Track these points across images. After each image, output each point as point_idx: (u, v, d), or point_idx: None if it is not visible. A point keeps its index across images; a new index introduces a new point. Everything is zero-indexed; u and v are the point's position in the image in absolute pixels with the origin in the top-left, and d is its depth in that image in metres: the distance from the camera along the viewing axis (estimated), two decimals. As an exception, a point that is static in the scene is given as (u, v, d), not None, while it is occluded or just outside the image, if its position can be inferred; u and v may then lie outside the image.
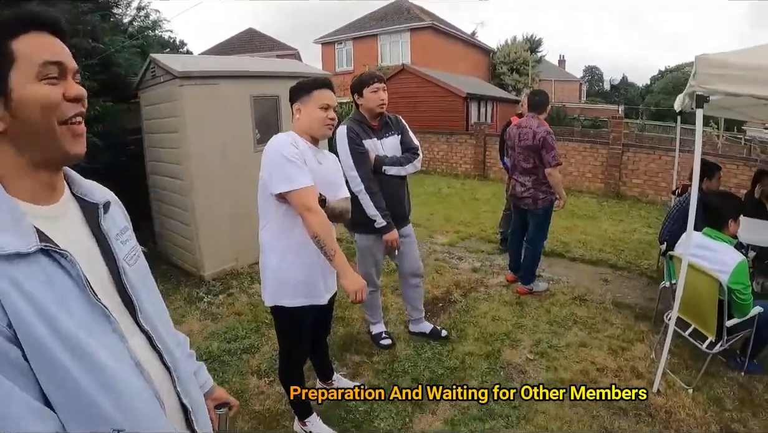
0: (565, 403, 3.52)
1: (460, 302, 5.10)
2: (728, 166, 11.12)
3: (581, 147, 12.96)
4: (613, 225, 9.06)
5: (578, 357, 4.13)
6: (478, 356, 4.05)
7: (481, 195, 11.55)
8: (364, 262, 3.93)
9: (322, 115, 2.60)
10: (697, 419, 3.53)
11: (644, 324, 4.81)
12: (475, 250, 6.80)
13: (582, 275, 6.13)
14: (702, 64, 3.35)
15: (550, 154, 4.91)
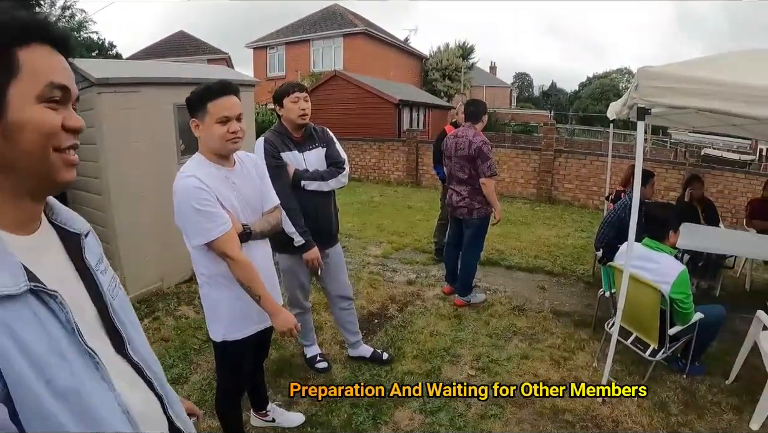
0: (510, 420, 3.45)
1: (396, 317, 4.97)
2: (657, 170, 11.55)
3: (513, 153, 13.21)
4: (547, 230, 9.20)
5: (521, 370, 4.08)
6: (418, 375, 3.93)
7: (415, 203, 11.56)
8: (289, 283, 3.71)
9: (221, 131, 2.30)
10: (644, 426, 3.56)
11: (584, 332, 4.84)
12: (409, 261, 6.71)
13: (519, 283, 6.14)
14: (644, 77, 3.39)
15: (486, 165, 4.89)
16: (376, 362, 4.05)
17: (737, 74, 3.52)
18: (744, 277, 7.08)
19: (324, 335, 4.47)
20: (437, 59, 31.52)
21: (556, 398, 3.72)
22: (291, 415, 3.35)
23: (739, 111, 3.35)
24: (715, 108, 3.40)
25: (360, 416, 3.37)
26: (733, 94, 3.28)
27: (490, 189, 4.97)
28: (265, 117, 17.14)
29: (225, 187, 2.38)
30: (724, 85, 3.31)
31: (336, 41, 26.36)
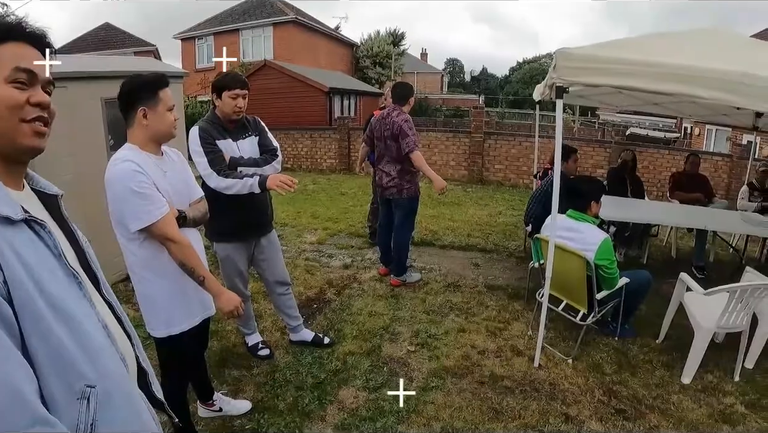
0: (452, 390, 3.58)
1: (334, 300, 5.03)
2: (585, 149, 12.15)
3: (444, 137, 13.44)
4: (479, 210, 9.44)
5: (458, 343, 4.24)
6: (360, 354, 4.01)
7: (348, 189, 11.60)
8: (228, 272, 3.70)
9: (171, 118, 2.40)
10: (581, 387, 3.77)
11: (518, 303, 5.06)
12: (345, 246, 6.77)
13: (453, 261, 6.31)
14: (562, 58, 3.58)
15: (405, 141, 4.96)
16: (318, 346, 4.10)
17: (649, 54, 3.77)
18: (670, 245, 7.56)
19: (264, 323, 4.49)
20: (368, 46, 31.43)
21: (495, 366, 3.91)
22: (238, 403, 3.35)
23: (649, 87, 3.61)
24: (629, 85, 3.67)
25: (305, 398, 3.42)
26: (644, 72, 3.52)
27: (419, 161, 5.02)
28: (195, 109, 16.75)
29: (158, 174, 2.38)
30: (635, 64, 3.54)
31: (266, 30, 25.82)
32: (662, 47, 4.07)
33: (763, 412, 3.77)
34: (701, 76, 3.49)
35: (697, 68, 3.53)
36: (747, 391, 3.99)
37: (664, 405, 3.70)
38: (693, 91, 3.54)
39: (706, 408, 3.72)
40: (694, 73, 3.50)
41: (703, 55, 3.86)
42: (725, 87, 3.48)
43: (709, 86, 3.50)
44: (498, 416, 3.37)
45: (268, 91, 18.36)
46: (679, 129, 28.74)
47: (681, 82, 3.52)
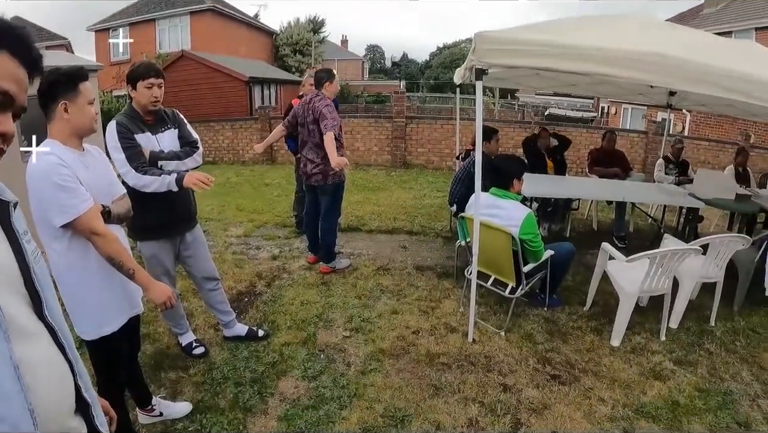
0: (390, 371, 3.63)
1: (265, 293, 4.96)
2: (505, 130, 12.47)
3: (366, 123, 13.45)
4: (404, 193, 9.55)
5: (392, 325, 4.30)
6: (295, 344, 3.99)
7: (271, 180, 11.46)
8: (154, 271, 3.55)
9: (92, 111, 2.34)
10: (515, 357, 3.92)
11: (448, 282, 5.17)
12: (272, 237, 6.69)
13: (381, 245, 6.37)
14: (481, 41, 3.65)
15: (324, 123, 4.92)
16: (253, 339, 4.04)
17: (567, 36, 3.92)
18: (591, 218, 7.92)
19: (197, 321, 4.37)
20: (288, 34, 31.10)
21: (430, 344, 4.00)
22: (178, 405, 3.26)
23: (567, 68, 3.74)
24: (547, 66, 3.77)
25: (246, 393, 3.38)
26: (562, 53, 3.66)
27: (329, 142, 4.91)
28: (111, 105, 16.01)
29: (80, 169, 2.31)
30: (553, 46, 3.67)
31: (182, 20, 24.93)
32: (580, 30, 4.24)
33: (690, 366, 4.03)
34: (616, 56, 3.65)
35: (613, 49, 3.69)
36: (673, 349, 4.26)
37: (596, 368, 3.88)
38: (609, 71, 3.70)
39: (636, 367, 3.94)
40: (609, 54, 3.66)
41: (619, 37, 4.02)
42: (640, 66, 3.66)
43: (625, 66, 3.66)
44: (438, 392, 3.46)
45: (187, 83, 17.88)
46: (597, 109, 29.82)
47: (598, 63, 3.67)
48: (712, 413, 3.52)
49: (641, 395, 3.63)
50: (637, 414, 3.42)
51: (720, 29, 20.31)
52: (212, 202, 8.65)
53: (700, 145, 14.87)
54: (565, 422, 3.26)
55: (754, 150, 14.68)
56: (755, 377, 4.03)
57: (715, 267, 4.76)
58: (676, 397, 3.64)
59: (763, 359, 4.31)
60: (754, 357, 4.33)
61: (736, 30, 20.19)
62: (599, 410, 3.41)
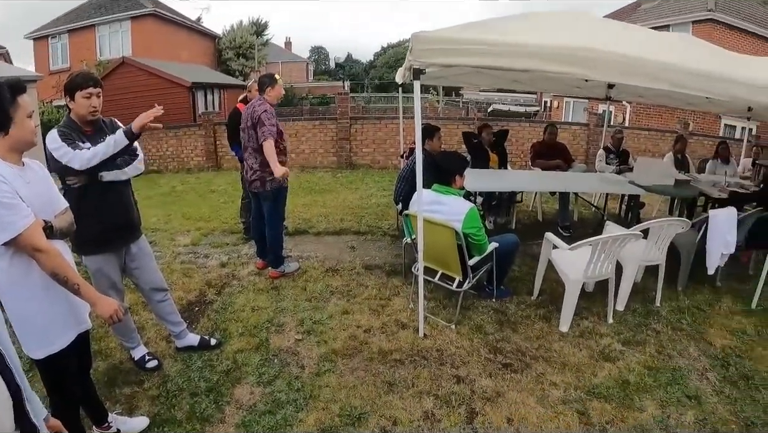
0: (344, 371, 3.66)
1: (216, 301, 4.89)
2: (449, 127, 12.66)
3: (310, 125, 13.35)
4: (350, 194, 9.56)
5: (344, 325, 4.32)
6: (249, 350, 3.96)
7: (217, 186, 11.27)
8: (101, 286, 3.46)
9: (32, 125, 2.27)
10: (467, 349, 3.99)
11: (397, 279, 5.23)
12: (220, 244, 6.58)
13: (330, 247, 6.37)
14: (417, 41, 3.68)
15: (262, 130, 4.88)
16: (206, 348, 3.99)
17: (504, 34, 3.95)
18: (536, 210, 8.07)
19: (148, 334, 4.27)
20: (231, 38, 30.52)
21: (382, 342, 4.03)
22: (134, 421, 3.20)
23: (504, 65, 3.78)
24: (484, 64, 3.82)
25: (202, 403, 3.34)
26: (499, 51, 3.71)
27: (269, 150, 4.89)
28: (51, 116, 15.45)
29: (21, 185, 2.24)
30: (490, 44, 3.71)
31: (123, 25, 24.02)
32: (518, 27, 4.29)
33: (638, 346, 4.18)
34: (550, 52, 3.72)
35: (547, 45, 3.76)
36: (621, 330, 4.41)
37: (547, 354, 3.99)
38: (544, 66, 3.76)
39: (586, 351, 4.06)
40: (543, 50, 3.73)
41: (556, 34, 4.12)
42: (573, 61, 3.74)
43: (559, 61, 3.74)
44: (392, 388, 3.49)
45: (128, 91, 17.42)
46: (540, 103, 30.50)
47: (532, 59, 3.73)
48: (663, 389, 3.66)
49: (592, 377, 3.74)
50: (590, 395, 3.52)
51: (658, 23, 21.12)
52: (158, 212, 8.47)
53: (641, 134, 15.41)
54: (519, 408, 3.34)
55: (693, 137, 15.32)
56: (702, 352, 4.21)
57: (657, 250, 4.94)
58: (626, 376, 3.77)
59: (709, 334, 4.49)
60: (700, 333, 4.51)
61: (674, 24, 20.96)
62: (552, 394, 3.51)
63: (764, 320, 4.90)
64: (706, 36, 18.00)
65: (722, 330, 4.62)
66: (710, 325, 4.70)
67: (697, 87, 4.10)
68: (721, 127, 19.46)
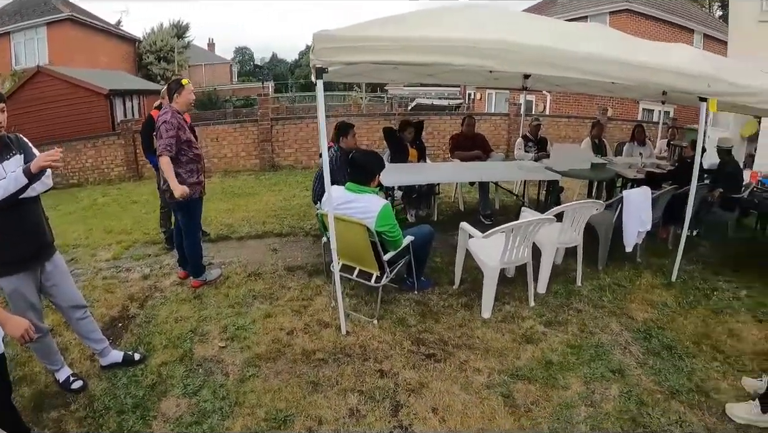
0: (269, 375, 3.62)
1: (139, 315, 4.72)
2: (371, 123, 12.72)
3: (231, 128, 13.04)
4: (273, 196, 9.43)
5: (267, 329, 4.27)
6: (173, 362, 3.85)
7: (139, 197, 10.87)
8: (18, 308, 3.30)
9: None
10: (389, 343, 4.01)
11: (318, 279, 5.20)
12: (142, 256, 6.34)
13: (252, 251, 6.26)
14: (318, 40, 3.61)
15: (159, 143, 4.67)
16: (130, 364, 3.85)
17: (409, 29, 3.94)
18: (457, 200, 8.18)
19: (72, 354, 4.07)
20: (151, 41, 29.43)
21: (305, 342, 4.01)
22: None
23: (406, 60, 3.78)
24: (387, 60, 3.77)
25: (129, 420, 3.23)
26: (401, 46, 3.69)
27: (165, 166, 4.69)
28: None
29: None
30: (392, 40, 3.69)
31: (39, 31, 22.63)
32: (423, 22, 4.25)
33: (560, 326, 4.31)
34: (454, 45, 3.74)
35: (451, 38, 3.77)
36: (543, 312, 4.52)
37: (469, 341, 4.05)
38: (445, 59, 3.79)
39: (509, 335, 4.14)
40: (446, 43, 3.74)
41: (459, 27, 4.11)
42: (475, 53, 3.77)
43: (463, 54, 3.76)
44: (317, 388, 3.48)
45: (44, 101, 16.64)
46: (464, 95, 30.90)
47: (434, 53, 3.74)
48: (586, 366, 3.77)
49: (515, 359, 3.82)
50: (513, 378, 3.59)
51: (576, 15, 21.96)
52: (79, 227, 8.09)
53: (561, 122, 15.97)
54: (444, 397, 3.38)
55: (612, 122, 15.98)
56: (624, 327, 4.37)
57: (573, 232, 5.07)
58: (549, 357, 3.86)
59: (630, 309, 4.67)
60: (621, 309, 4.68)
61: (591, 15, 21.83)
62: (476, 380, 3.56)
63: (684, 291, 5.15)
64: (622, 25, 18.89)
65: (643, 304, 4.82)
66: (631, 300, 4.88)
67: (605, 74, 4.24)
68: (639, 112, 20.58)
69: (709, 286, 5.34)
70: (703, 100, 4.82)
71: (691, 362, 3.92)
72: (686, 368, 3.83)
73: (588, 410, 3.33)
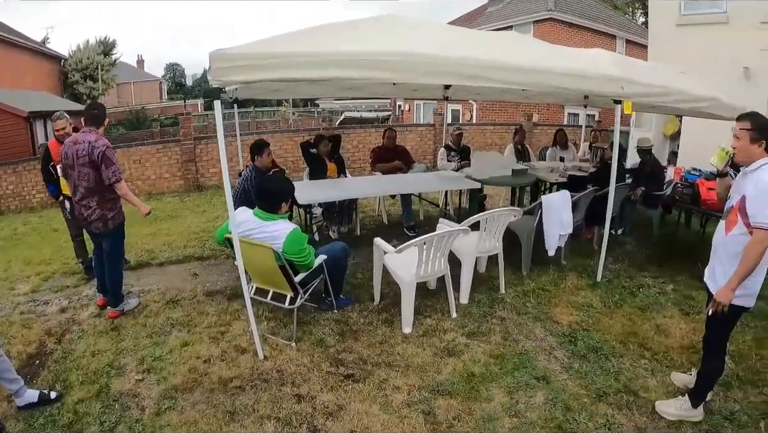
0: (185, 406, 3.50)
1: (56, 350, 4.48)
2: (295, 138, 12.50)
3: (154, 149, 12.45)
4: (197, 218, 9.11)
5: (183, 358, 4.11)
6: (89, 399, 3.68)
7: (60, 224, 9.95)
8: None
9: None
10: (307, 365, 3.91)
11: (237, 303, 5.04)
12: (60, 288, 6.00)
13: (171, 277, 6.01)
14: (215, 59, 3.46)
15: (110, 170, 4.53)
16: (47, 403, 3.66)
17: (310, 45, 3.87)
18: (381, 214, 8.10)
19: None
20: (77, 59, 27.78)
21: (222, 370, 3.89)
22: None
23: (305, 76, 3.68)
24: (284, 77, 3.65)
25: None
26: (299, 62, 3.61)
27: (124, 190, 4.66)
28: None
29: None
30: (289, 56, 3.60)
31: None
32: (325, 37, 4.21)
33: (483, 337, 4.29)
34: (352, 59, 3.72)
35: (349, 53, 3.75)
36: (465, 323, 4.50)
37: (389, 358, 3.99)
38: (344, 73, 3.75)
39: (430, 349, 4.09)
40: (345, 57, 3.72)
41: (365, 40, 4.09)
42: (378, 66, 3.78)
43: (364, 67, 3.74)
44: (234, 417, 3.39)
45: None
46: (393, 107, 31.00)
47: (332, 67, 3.68)
48: (510, 375, 3.75)
49: (436, 374, 3.77)
50: (434, 394, 3.55)
51: (503, 24, 22.46)
52: (-3, 260, 7.65)
53: (487, 129, 16.20)
54: (362, 418, 3.33)
55: (538, 127, 16.32)
56: (549, 332, 4.39)
57: (492, 240, 5.07)
58: (471, 369, 3.83)
59: (554, 313, 4.70)
60: (545, 313, 4.71)
61: (517, 24, 22.26)
62: (396, 399, 3.51)
63: (609, 291, 5.23)
64: (546, 34, 19.51)
65: (568, 307, 4.86)
66: (556, 304, 4.92)
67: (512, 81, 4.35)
68: (565, 116, 21.19)
69: (634, 283, 5.48)
70: (617, 103, 4.98)
71: (618, 362, 3.98)
72: (613, 368, 3.88)
73: (512, 421, 3.33)
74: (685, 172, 7.07)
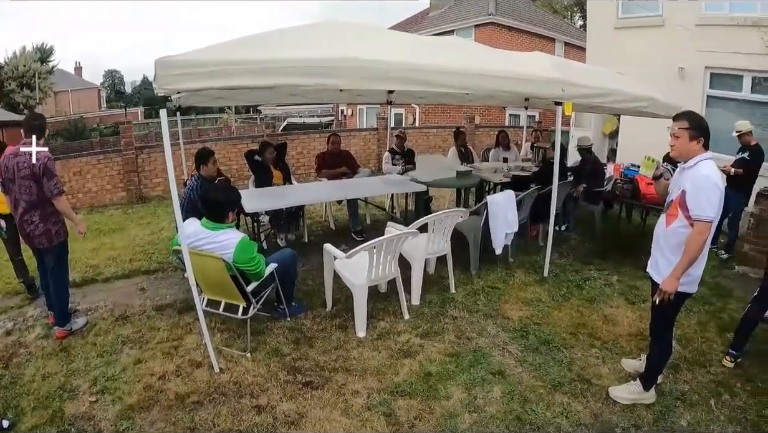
0: (143, 426, 3.39)
1: (4, 376, 4.23)
2: (239, 146, 12.26)
3: (95, 160, 11.81)
4: (141, 230, 8.77)
5: (137, 376, 3.96)
6: (43, 425, 3.49)
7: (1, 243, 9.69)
8: None
9: None
10: (264, 376, 3.85)
11: (189, 315, 4.89)
12: (4, 309, 5.62)
13: (118, 292, 5.74)
14: (160, 67, 3.37)
15: (52, 182, 4.34)
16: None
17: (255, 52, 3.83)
18: (328, 219, 8.03)
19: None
20: (13, 66, 26.50)
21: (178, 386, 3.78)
22: None
23: (250, 83, 3.67)
24: (232, 84, 3.61)
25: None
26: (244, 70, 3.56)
27: (64, 205, 4.47)
28: None
29: None
30: (236, 63, 3.55)
31: None
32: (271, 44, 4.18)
33: (437, 336, 4.33)
34: (296, 66, 3.70)
35: (295, 59, 3.72)
36: (419, 324, 4.53)
37: (346, 363, 3.98)
38: (293, 80, 3.74)
39: (385, 352, 4.10)
40: (290, 64, 3.69)
41: (313, 47, 4.05)
42: (324, 73, 3.78)
43: (310, 74, 3.74)
44: (194, 433, 3.27)
45: None
46: (336, 112, 30.76)
47: (277, 75, 3.66)
48: (466, 372, 3.80)
49: (394, 376, 3.79)
50: (393, 395, 3.57)
51: (444, 29, 22.57)
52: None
53: (430, 132, 16.24)
54: (324, 425, 3.31)
55: (480, 129, 16.49)
56: (501, 328, 4.46)
57: (441, 241, 5.12)
58: (428, 368, 3.87)
59: (504, 310, 4.78)
60: (496, 310, 4.78)
61: (458, 28, 22.43)
62: (356, 403, 3.51)
63: (557, 285, 5.36)
64: (487, 38, 19.69)
65: (518, 303, 4.95)
66: (506, 301, 5.00)
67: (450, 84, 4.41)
68: (506, 117, 21.61)
69: (581, 276, 5.65)
70: (558, 104, 5.11)
71: (570, 352, 4.10)
72: (566, 359, 4.00)
73: (472, 417, 3.38)
74: (624, 169, 7.32)
